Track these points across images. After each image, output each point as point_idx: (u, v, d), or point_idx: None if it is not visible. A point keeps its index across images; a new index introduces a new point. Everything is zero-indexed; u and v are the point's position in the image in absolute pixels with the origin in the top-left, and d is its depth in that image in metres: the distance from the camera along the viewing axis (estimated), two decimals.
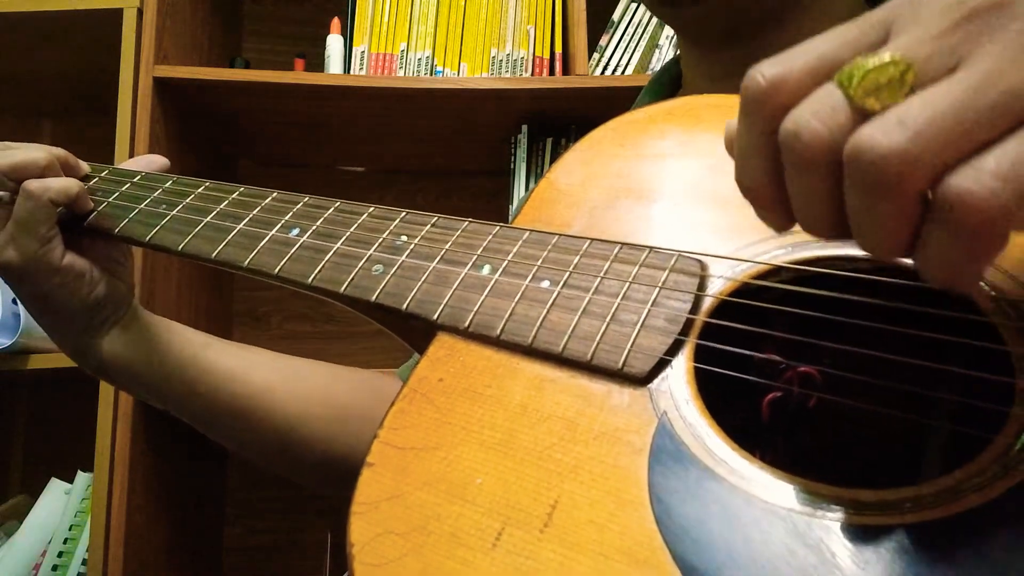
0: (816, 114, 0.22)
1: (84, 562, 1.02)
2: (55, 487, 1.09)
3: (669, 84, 0.58)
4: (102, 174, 0.52)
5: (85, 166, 0.52)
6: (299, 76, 1.17)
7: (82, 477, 1.08)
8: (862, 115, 0.22)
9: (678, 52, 0.58)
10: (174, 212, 0.48)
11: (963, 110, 0.20)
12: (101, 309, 0.51)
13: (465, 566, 0.26)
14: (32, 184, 0.47)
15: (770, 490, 0.26)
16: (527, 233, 0.37)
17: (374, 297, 0.38)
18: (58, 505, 1.07)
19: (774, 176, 0.25)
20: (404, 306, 0.37)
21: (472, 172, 1.47)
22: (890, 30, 0.23)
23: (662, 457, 0.27)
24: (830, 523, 0.24)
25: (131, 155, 1.07)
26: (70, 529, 1.06)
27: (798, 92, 0.23)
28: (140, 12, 1.09)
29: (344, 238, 0.41)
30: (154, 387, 0.53)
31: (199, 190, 0.49)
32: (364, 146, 1.39)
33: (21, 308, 1.03)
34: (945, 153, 0.20)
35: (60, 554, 1.04)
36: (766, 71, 0.24)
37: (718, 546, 0.24)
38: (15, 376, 1.08)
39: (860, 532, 0.24)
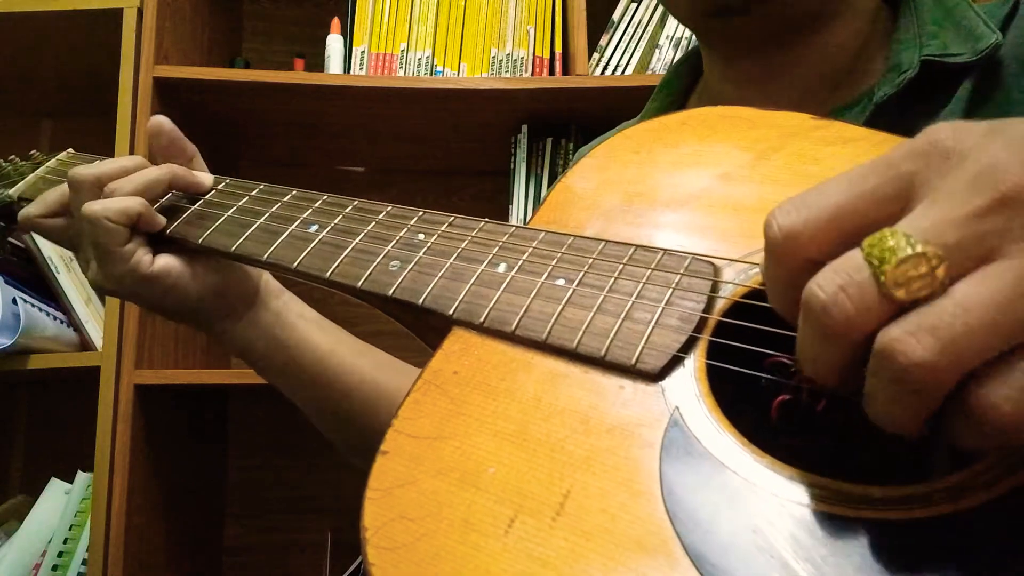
0: (844, 290, 0.22)
1: (84, 562, 1.02)
2: (55, 487, 1.09)
3: (683, 79, 0.58)
4: (219, 187, 0.51)
5: (206, 180, 0.50)
6: (299, 76, 1.17)
7: (82, 477, 1.07)
8: (890, 301, 0.21)
9: (688, 50, 0.58)
10: (194, 207, 0.49)
11: (994, 321, 0.20)
12: (224, 296, 0.51)
13: (477, 551, 0.26)
14: (90, 207, 0.46)
15: (780, 483, 0.26)
16: (542, 234, 0.38)
17: (391, 292, 0.38)
18: (58, 505, 1.07)
19: (798, 313, 0.24)
20: (420, 301, 0.37)
21: (472, 172, 1.48)
22: (912, 187, 0.23)
23: (674, 450, 0.28)
24: (839, 517, 0.24)
25: (131, 155, 1.07)
26: (70, 529, 1.06)
27: (813, 248, 0.23)
28: (140, 12, 1.09)
29: (362, 235, 0.42)
30: (284, 382, 0.54)
31: (220, 187, 0.50)
32: (364, 146, 1.39)
33: (21, 308, 1.03)
34: (974, 361, 0.20)
35: (60, 554, 1.04)
36: (782, 220, 0.24)
37: (728, 536, 0.25)
38: (15, 376, 1.08)
39: (869, 526, 0.24)
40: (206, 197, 0.50)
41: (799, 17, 0.47)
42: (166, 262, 0.48)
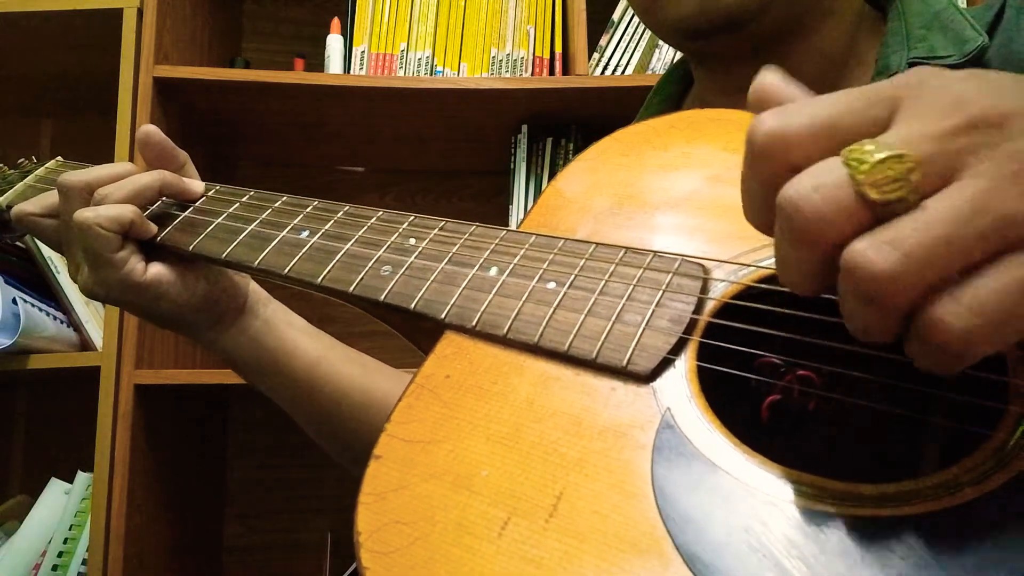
0: (819, 189, 0.22)
1: (84, 562, 1.03)
2: (55, 487, 1.09)
3: (677, 84, 0.58)
4: (210, 193, 0.51)
5: (196, 187, 0.50)
6: (299, 76, 1.17)
7: (82, 477, 1.08)
8: (863, 200, 0.22)
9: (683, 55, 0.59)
10: (184, 214, 0.49)
11: (952, 237, 0.21)
12: (215, 304, 0.51)
13: (471, 554, 0.26)
14: (82, 214, 0.46)
15: (771, 483, 0.26)
16: (533, 237, 0.38)
17: (382, 297, 0.38)
18: (58, 505, 1.07)
19: (772, 223, 0.25)
20: (412, 305, 0.37)
21: (472, 172, 1.48)
22: (894, 110, 0.24)
23: (665, 451, 0.28)
24: (831, 515, 0.25)
25: (131, 155, 1.07)
26: (70, 529, 1.06)
27: (796, 151, 0.24)
28: (140, 12, 1.09)
29: (354, 240, 0.42)
30: (273, 389, 0.54)
31: (210, 193, 0.50)
32: (364, 146, 1.39)
33: (21, 308, 1.03)
34: (931, 276, 0.21)
35: (60, 554, 1.05)
36: (767, 124, 0.24)
37: (720, 536, 0.25)
38: (15, 376, 1.08)
39: (860, 523, 0.24)
40: (196, 204, 0.50)
41: (780, 29, 0.47)
42: (158, 270, 0.48)
